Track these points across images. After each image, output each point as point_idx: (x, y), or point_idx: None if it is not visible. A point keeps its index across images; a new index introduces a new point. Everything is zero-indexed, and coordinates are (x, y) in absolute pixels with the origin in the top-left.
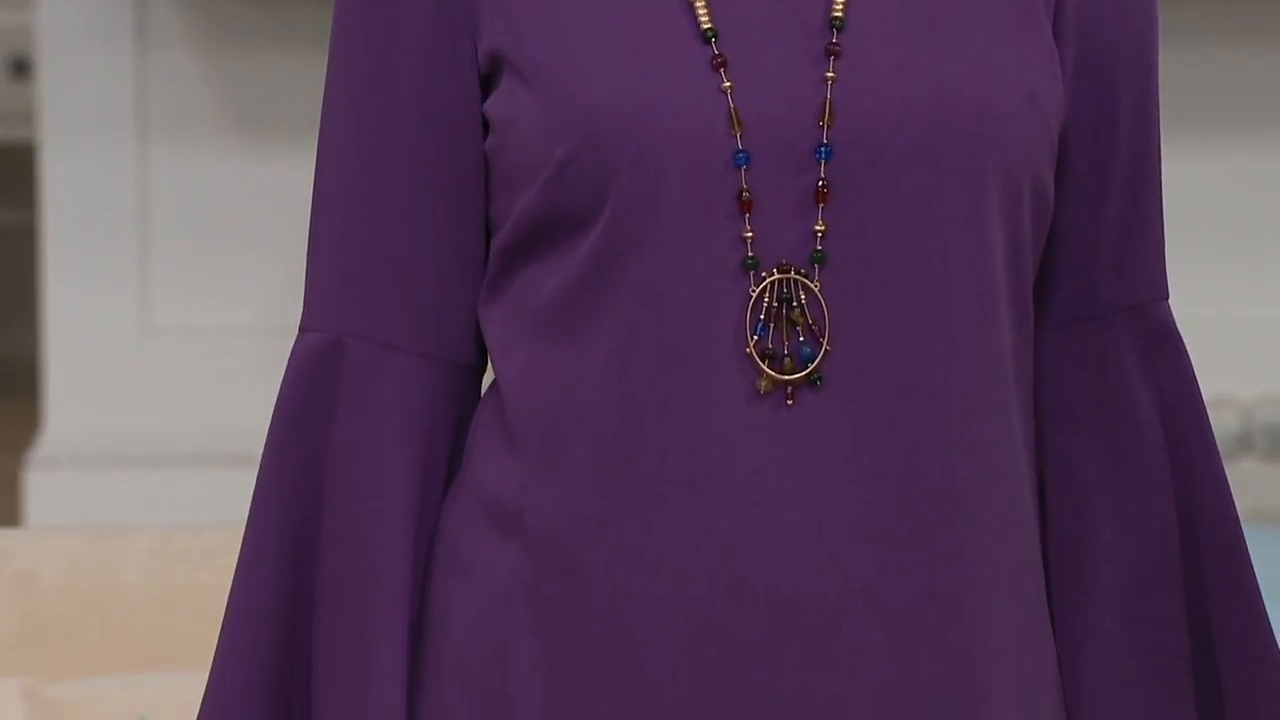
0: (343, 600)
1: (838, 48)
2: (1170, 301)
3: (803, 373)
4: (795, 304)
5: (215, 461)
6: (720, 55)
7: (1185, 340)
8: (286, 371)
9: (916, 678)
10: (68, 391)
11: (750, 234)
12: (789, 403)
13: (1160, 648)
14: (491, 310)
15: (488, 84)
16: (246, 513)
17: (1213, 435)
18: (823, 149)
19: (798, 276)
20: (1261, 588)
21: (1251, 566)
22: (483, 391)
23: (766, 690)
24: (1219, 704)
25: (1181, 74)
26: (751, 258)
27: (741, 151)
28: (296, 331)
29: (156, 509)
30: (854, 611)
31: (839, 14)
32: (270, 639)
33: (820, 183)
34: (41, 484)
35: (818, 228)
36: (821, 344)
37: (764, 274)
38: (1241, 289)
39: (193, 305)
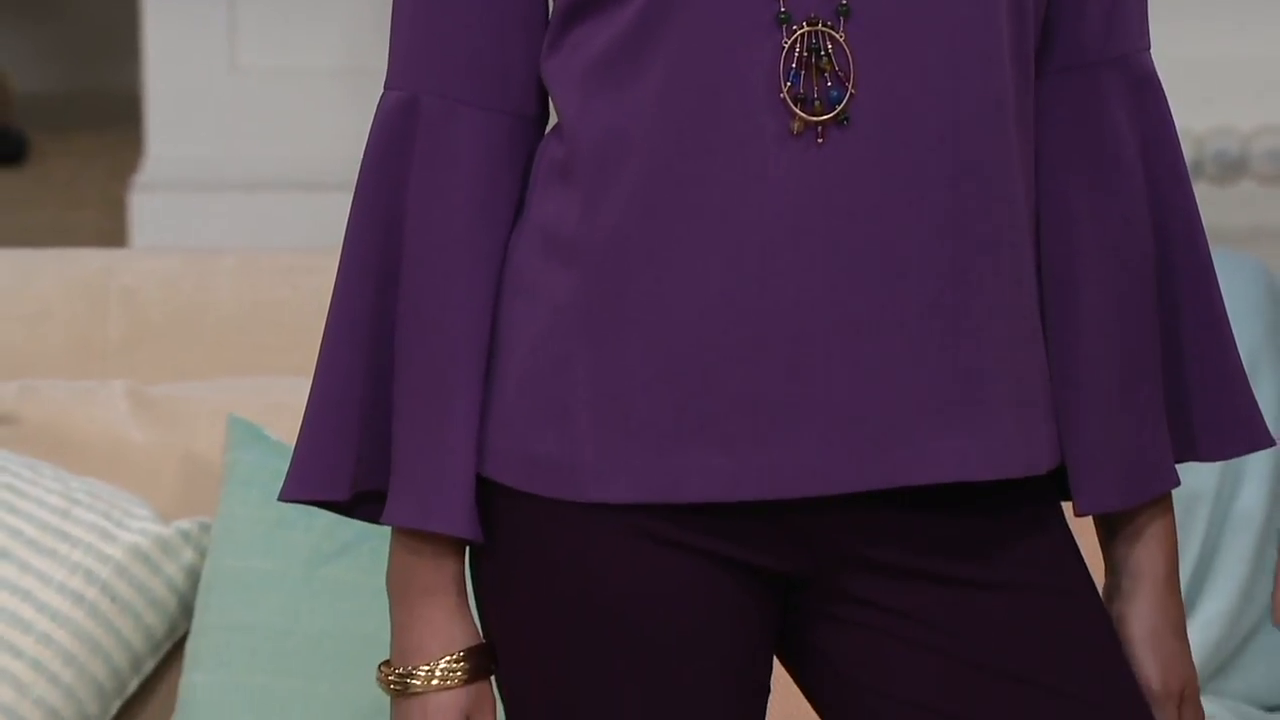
0: (421, 323)
1: None
2: None
3: (831, 114)
4: (823, 53)
5: (294, 187)
6: None
7: None
8: (372, 126)
9: (927, 382)
10: (166, 123)
11: None
12: (819, 141)
13: (1137, 355)
14: (551, 63)
15: None
16: (322, 235)
17: (1186, 170)
18: None
19: (825, 29)
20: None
21: (1216, 282)
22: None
23: (791, 393)
24: (1185, 396)
25: None
26: (784, 13)
27: None
28: (369, 73)
29: (244, 230)
30: (870, 324)
31: None
32: (363, 355)
33: None
34: (143, 206)
35: None
36: (847, 88)
37: (794, 27)
38: (1194, 31)
39: (277, 47)
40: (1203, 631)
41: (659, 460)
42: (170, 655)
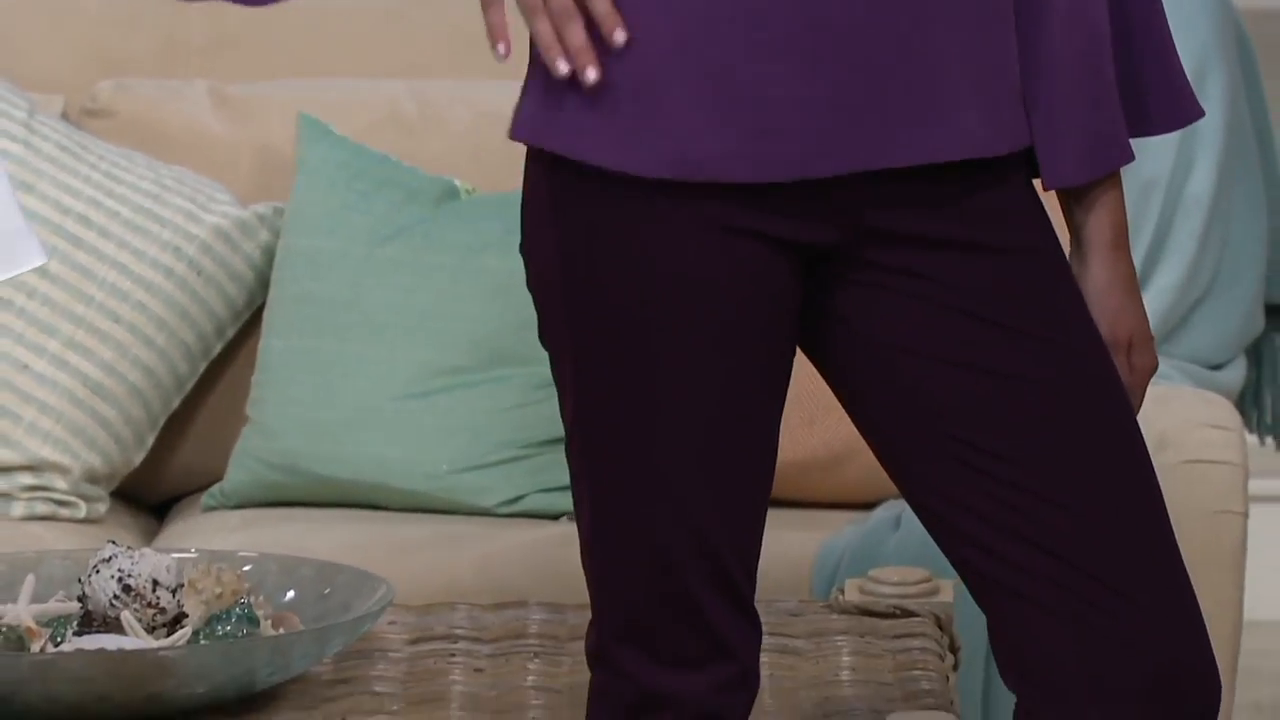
0: None
1: None
2: None
3: None
4: None
5: None
6: None
7: None
8: None
9: (937, 70)
10: None
11: None
12: None
13: (1096, 44)
14: None
15: None
16: None
17: None
18: None
19: None
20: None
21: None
22: None
23: (813, 86)
24: (1134, 82)
25: None
26: None
27: None
28: None
29: None
30: (885, 22)
31: None
32: None
33: None
34: None
35: None
36: None
37: None
38: None
39: None
40: (1156, 300)
41: (692, 143)
42: (249, 323)
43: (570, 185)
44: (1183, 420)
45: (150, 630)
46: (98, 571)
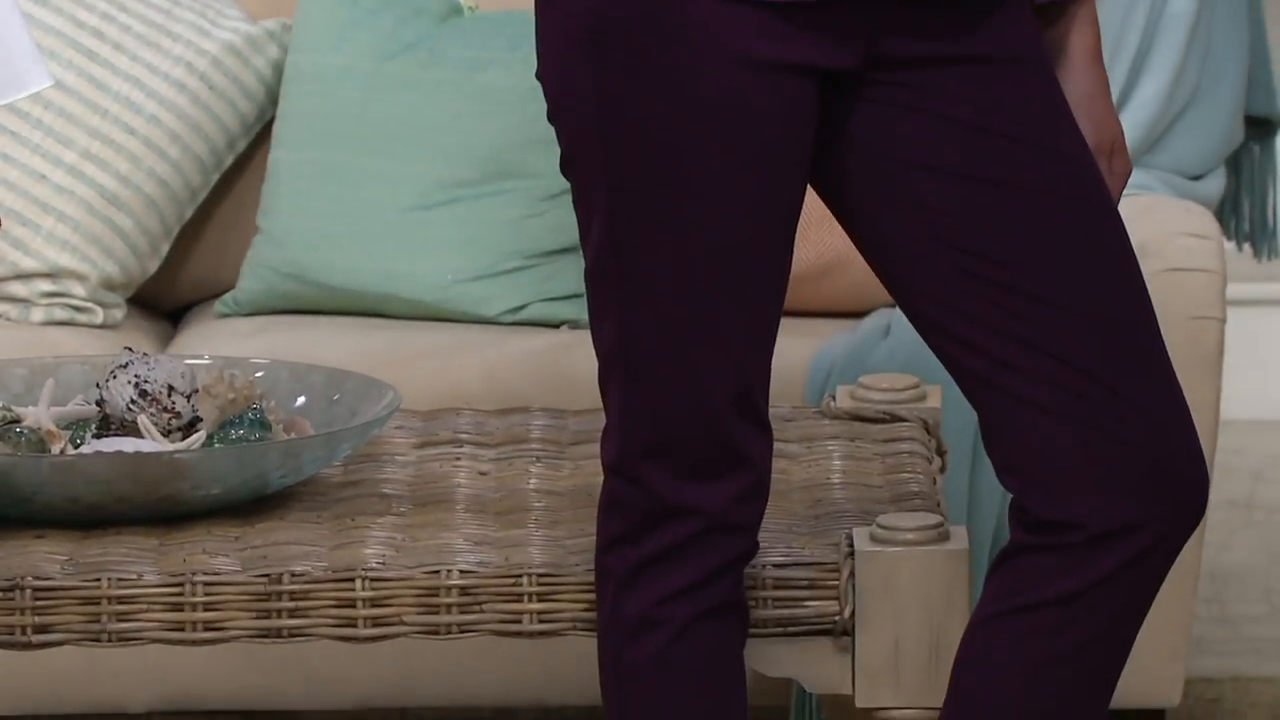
0: None
1: None
2: None
3: None
4: None
5: None
6: None
7: None
8: None
9: None
10: None
11: None
12: None
13: None
14: None
15: None
16: None
17: None
18: None
19: None
20: None
21: None
22: None
23: None
24: None
25: None
26: None
27: None
28: None
29: None
30: None
31: None
32: None
33: None
34: None
35: None
36: None
37: None
38: None
39: None
40: (1139, 112)
41: None
42: (260, 136)
43: (611, 9)
44: (1163, 229)
45: (166, 434)
46: (115, 377)
